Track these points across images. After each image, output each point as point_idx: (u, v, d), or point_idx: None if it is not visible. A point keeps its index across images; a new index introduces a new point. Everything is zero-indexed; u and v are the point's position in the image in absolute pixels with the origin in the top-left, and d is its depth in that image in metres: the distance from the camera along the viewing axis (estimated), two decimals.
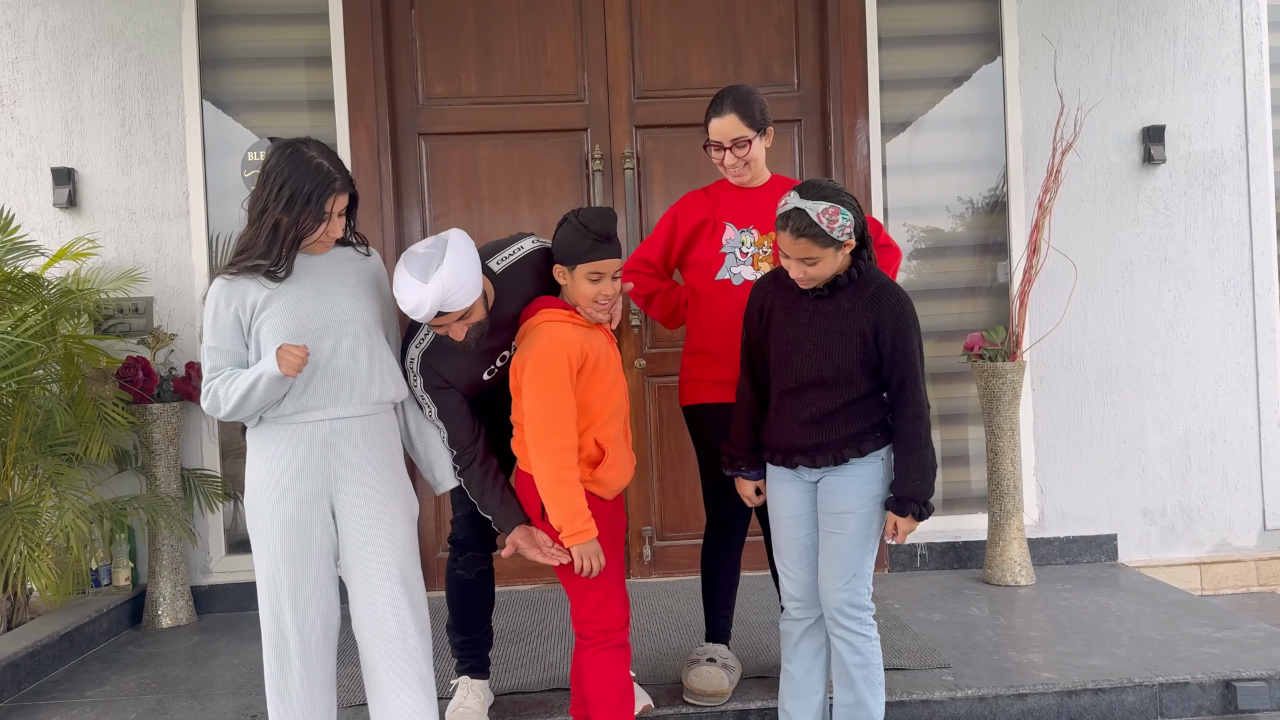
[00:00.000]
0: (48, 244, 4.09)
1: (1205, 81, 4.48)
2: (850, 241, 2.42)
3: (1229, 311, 4.49)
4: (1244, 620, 3.54)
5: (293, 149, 2.40)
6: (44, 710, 3.16)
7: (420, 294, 2.34)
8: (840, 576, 2.48)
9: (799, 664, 2.61)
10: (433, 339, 2.61)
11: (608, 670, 2.51)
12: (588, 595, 2.52)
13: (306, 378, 2.40)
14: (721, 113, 2.88)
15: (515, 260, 2.66)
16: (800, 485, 2.56)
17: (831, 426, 2.47)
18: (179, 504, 3.99)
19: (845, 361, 2.45)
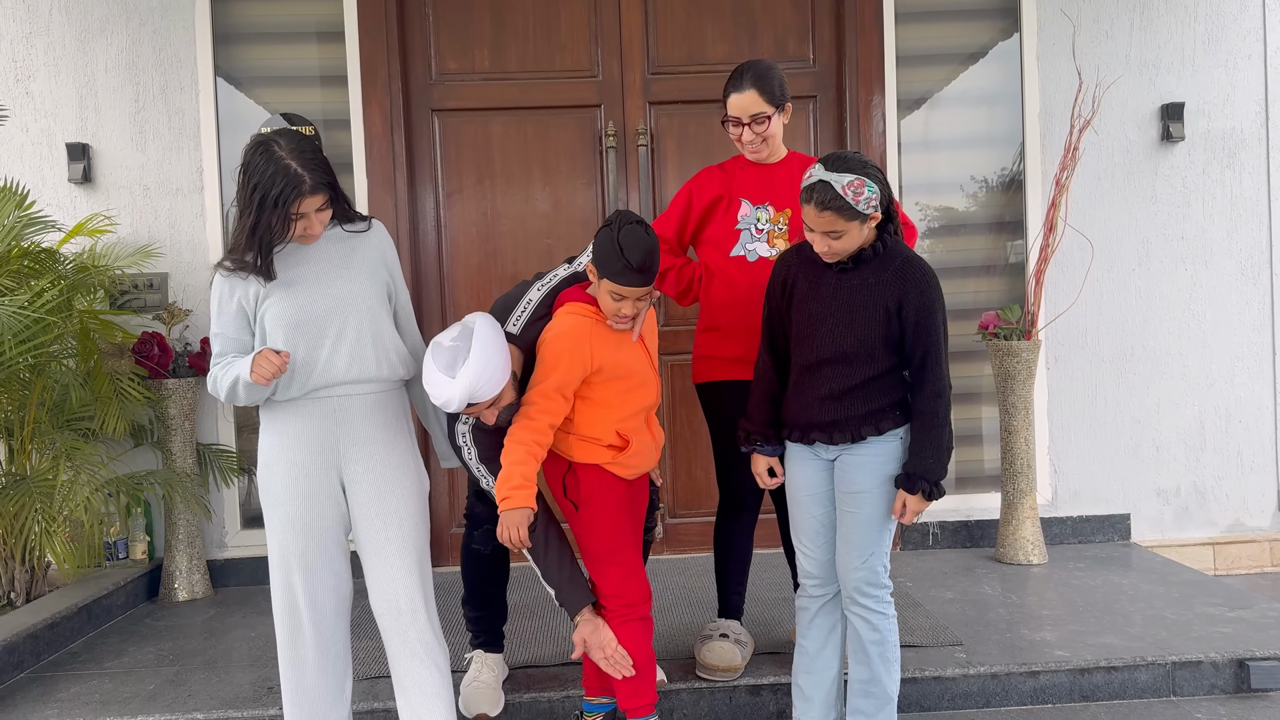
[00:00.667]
0: (63, 219, 4.09)
1: (1226, 58, 4.43)
2: (876, 215, 2.39)
3: (1246, 291, 4.46)
4: (1258, 600, 3.53)
5: (264, 146, 2.32)
6: (64, 680, 3.20)
7: (449, 390, 2.37)
8: (858, 555, 2.48)
9: (814, 640, 2.62)
10: None
11: (630, 643, 2.54)
12: (609, 571, 2.55)
13: (312, 363, 2.39)
14: (741, 88, 2.85)
15: (528, 315, 2.63)
16: (818, 464, 2.55)
17: (851, 403, 2.46)
18: (194, 479, 4.01)
19: (867, 336, 2.43)
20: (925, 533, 4.39)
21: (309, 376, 2.40)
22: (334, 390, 2.43)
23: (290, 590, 2.45)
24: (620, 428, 2.56)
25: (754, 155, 2.96)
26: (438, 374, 2.38)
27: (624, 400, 2.55)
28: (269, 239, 2.34)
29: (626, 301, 2.46)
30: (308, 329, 2.39)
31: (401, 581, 2.48)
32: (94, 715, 2.90)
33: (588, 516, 2.57)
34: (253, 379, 2.29)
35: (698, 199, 3.02)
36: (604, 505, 2.56)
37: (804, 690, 2.62)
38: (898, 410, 2.48)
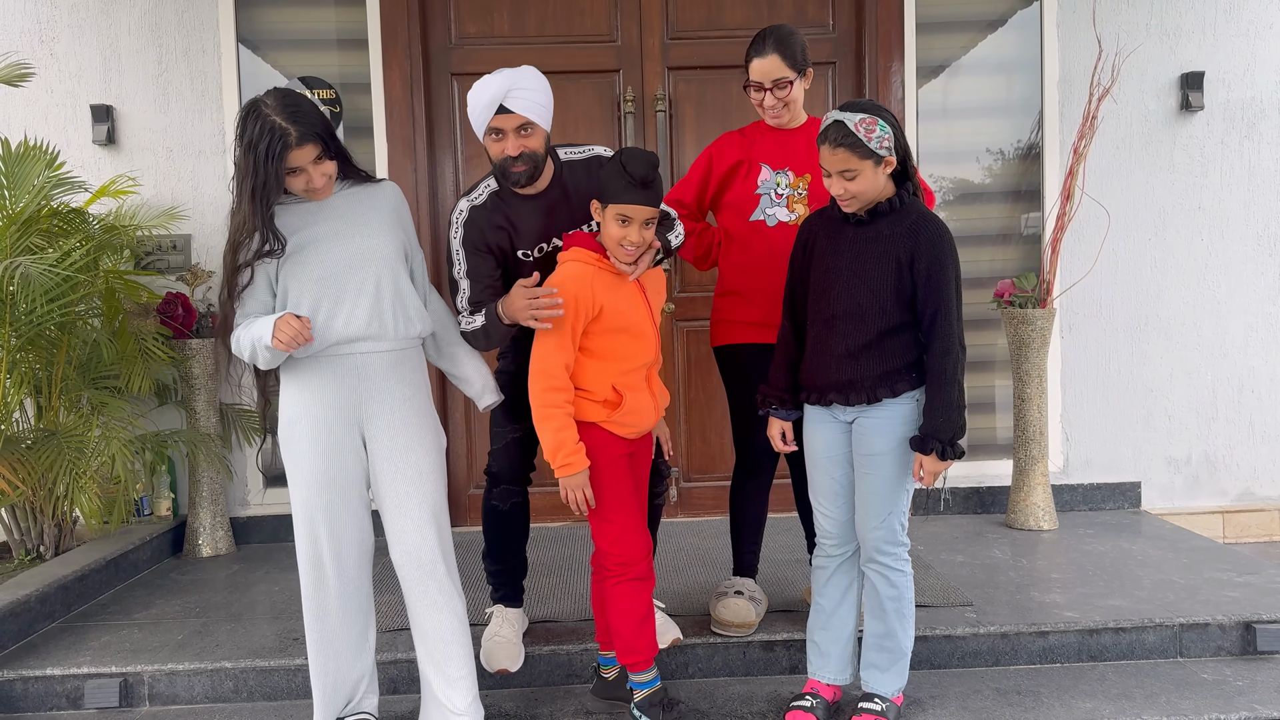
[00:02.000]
0: (89, 180, 4.14)
1: (1247, 28, 4.41)
2: (890, 159, 2.43)
3: (1262, 261, 4.46)
4: (1266, 566, 3.57)
5: (251, 107, 2.35)
6: (94, 630, 3.28)
7: (488, 81, 2.53)
8: (877, 515, 2.53)
9: (830, 598, 2.67)
10: (488, 195, 2.70)
11: (627, 601, 2.57)
12: (605, 528, 2.58)
13: (333, 320, 2.43)
14: (764, 53, 2.87)
15: (581, 159, 2.78)
16: (836, 426, 2.60)
17: (866, 362, 2.49)
18: (218, 439, 4.08)
19: (880, 288, 2.46)
20: (937, 498, 4.43)
21: (329, 332, 2.44)
22: (355, 346, 2.47)
23: (315, 543, 2.51)
24: (618, 383, 2.56)
25: (775, 120, 2.98)
26: (483, 77, 2.55)
27: (622, 353, 2.56)
28: (267, 198, 2.35)
29: (633, 226, 2.47)
30: (328, 285, 2.44)
31: (421, 533, 2.53)
32: (125, 663, 2.98)
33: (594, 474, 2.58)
34: (273, 344, 2.33)
35: (718, 164, 3.04)
36: (601, 463, 2.56)
37: (820, 646, 2.69)
38: (913, 372, 2.51)
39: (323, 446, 2.48)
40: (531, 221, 2.72)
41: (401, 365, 2.55)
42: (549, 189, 2.72)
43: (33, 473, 3.50)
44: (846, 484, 2.62)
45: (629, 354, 2.58)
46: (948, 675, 3.00)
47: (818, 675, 2.71)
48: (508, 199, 2.72)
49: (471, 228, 2.69)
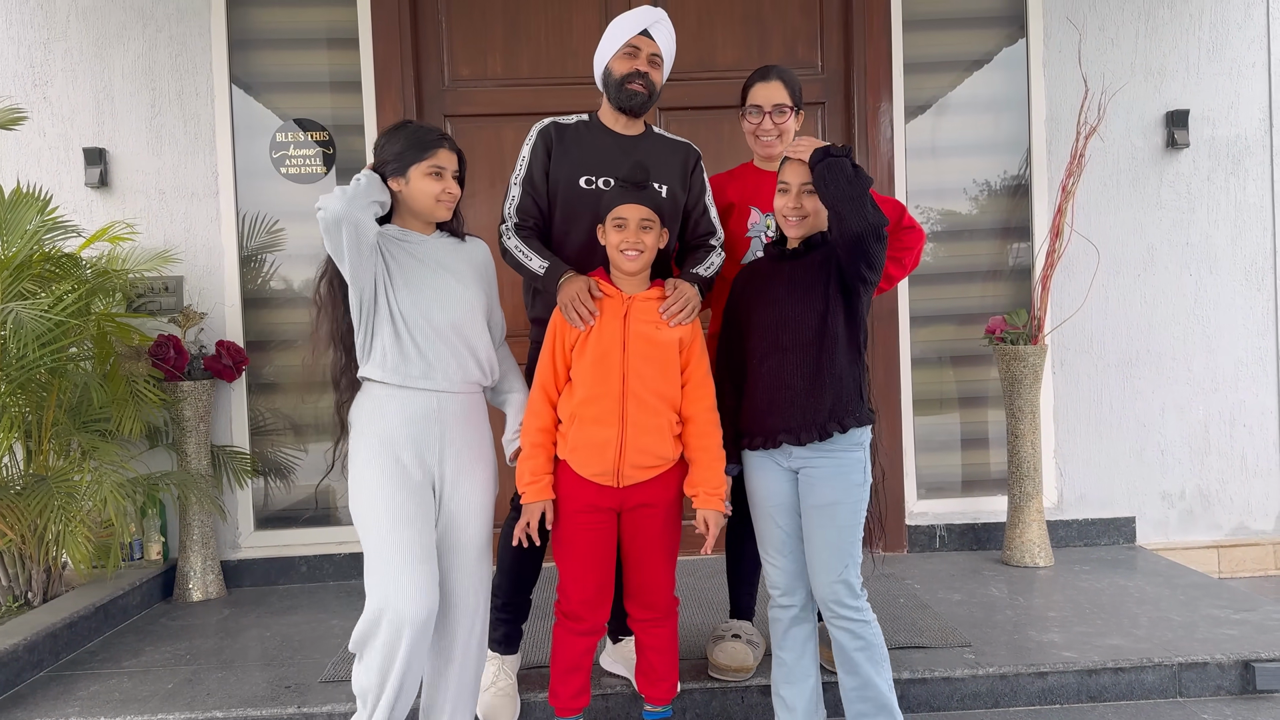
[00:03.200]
0: (80, 223, 4.14)
1: (1230, 66, 4.47)
2: None
3: (1250, 296, 4.50)
4: (1262, 602, 3.57)
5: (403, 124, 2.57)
6: (83, 679, 3.24)
7: (637, 12, 2.79)
8: (833, 569, 2.48)
9: (791, 650, 2.62)
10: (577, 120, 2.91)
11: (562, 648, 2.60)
12: (560, 569, 2.60)
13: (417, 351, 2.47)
14: (768, 78, 2.97)
15: (672, 139, 2.98)
16: (780, 473, 2.56)
17: (819, 394, 2.47)
18: (209, 480, 4.05)
19: (824, 308, 2.49)
20: (933, 535, 4.42)
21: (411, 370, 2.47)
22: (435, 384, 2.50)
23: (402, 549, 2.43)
24: (577, 411, 2.50)
25: (767, 150, 3.00)
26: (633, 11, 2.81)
27: (584, 378, 2.50)
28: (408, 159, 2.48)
29: (628, 226, 2.49)
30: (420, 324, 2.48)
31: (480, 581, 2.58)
32: (114, 714, 2.94)
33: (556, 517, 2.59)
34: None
35: (716, 203, 3.06)
36: (562, 511, 2.56)
37: (786, 701, 2.63)
38: (859, 411, 2.50)
39: (403, 482, 2.45)
40: (606, 153, 2.85)
41: (474, 410, 2.60)
42: (636, 137, 2.91)
43: (22, 519, 3.47)
44: (794, 533, 2.58)
45: (592, 380, 2.50)
46: (947, 718, 2.98)
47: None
48: (594, 129, 2.91)
49: (546, 139, 2.88)
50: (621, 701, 2.97)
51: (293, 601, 4.05)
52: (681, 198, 2.92)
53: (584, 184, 2.82)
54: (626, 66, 2.80)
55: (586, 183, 2.82)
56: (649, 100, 2.85)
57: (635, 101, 2.82)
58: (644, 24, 2.79)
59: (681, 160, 2.93)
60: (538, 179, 2.85)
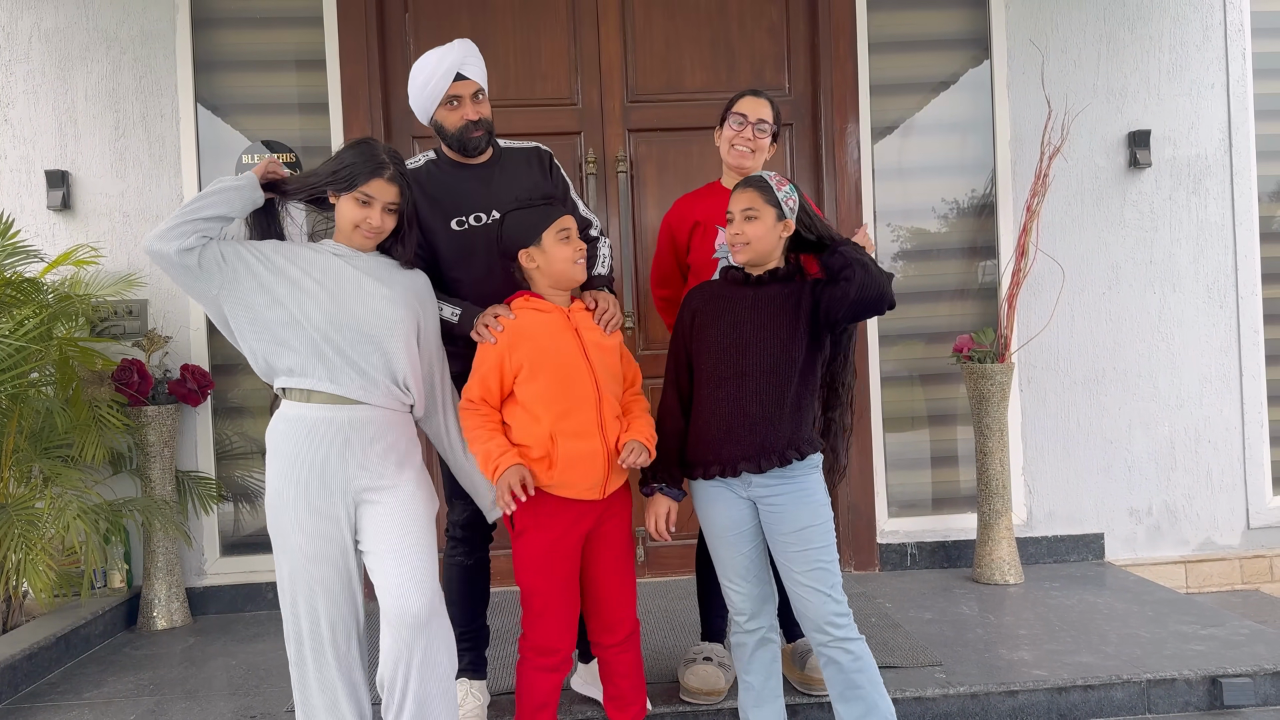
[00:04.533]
0: (42, 246, 4.09)
1: (1190, 87, 4.55)
2: (789, 221, 2.52)
3: (1213, 313, 4.56)
4: (1229, 618, 3.60)
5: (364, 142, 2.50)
6: (42, 712, 3.17)
7: (439, 54, 2.68)
8: (820, 590, 2.45)
9: (758, 673, 2.59)
10: (426, 163, 2.82)
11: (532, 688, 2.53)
12: (526, 610, 2.53)
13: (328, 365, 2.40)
14: (758, 95, 3.02)
15: (521, 147, 2.93)
16: (735, 500, 2.53)
17: (780, 423, 2.46)
18: (174, 506, 4.00)
19: (788, 336, 2.48)
20: (904, 553, 4.43)
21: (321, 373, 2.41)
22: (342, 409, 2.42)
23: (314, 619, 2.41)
24: (555, 429, 2.44)
25: (740, 161, 3.00)
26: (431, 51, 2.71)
27: (554, 396, 2.44)
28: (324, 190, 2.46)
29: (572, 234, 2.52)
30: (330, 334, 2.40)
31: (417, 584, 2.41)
32: None
33: (520, 547, 2.51)
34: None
35: (678, 229, 3.07)
36: (537, 540, 2.48)
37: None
38: (811, 436, 2.52)
39: (311, 515, 2.39)
40: (469, 190, 2.80)
41: (395, 427, 2.49)
42: (489, 162, 2.85)
43: None
44: (755, 558, 2.57)
45: (562, 396, 2.45)
46: None
47: None
48: (445, 168, 2.82)
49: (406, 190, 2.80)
50: None
51: (259, 629, 3.99)
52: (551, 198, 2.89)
53: (456, 226, 2.78)
54: (457, 119, 2.73)
55: (458, 224, 2.78)
56: (490, 135, 2.79)
57: (479, 146, 2.78)
58: (454, 69, 2.69)
59: (538, 166, 2.93)
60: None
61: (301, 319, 2.39)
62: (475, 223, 2.79)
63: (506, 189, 2.80)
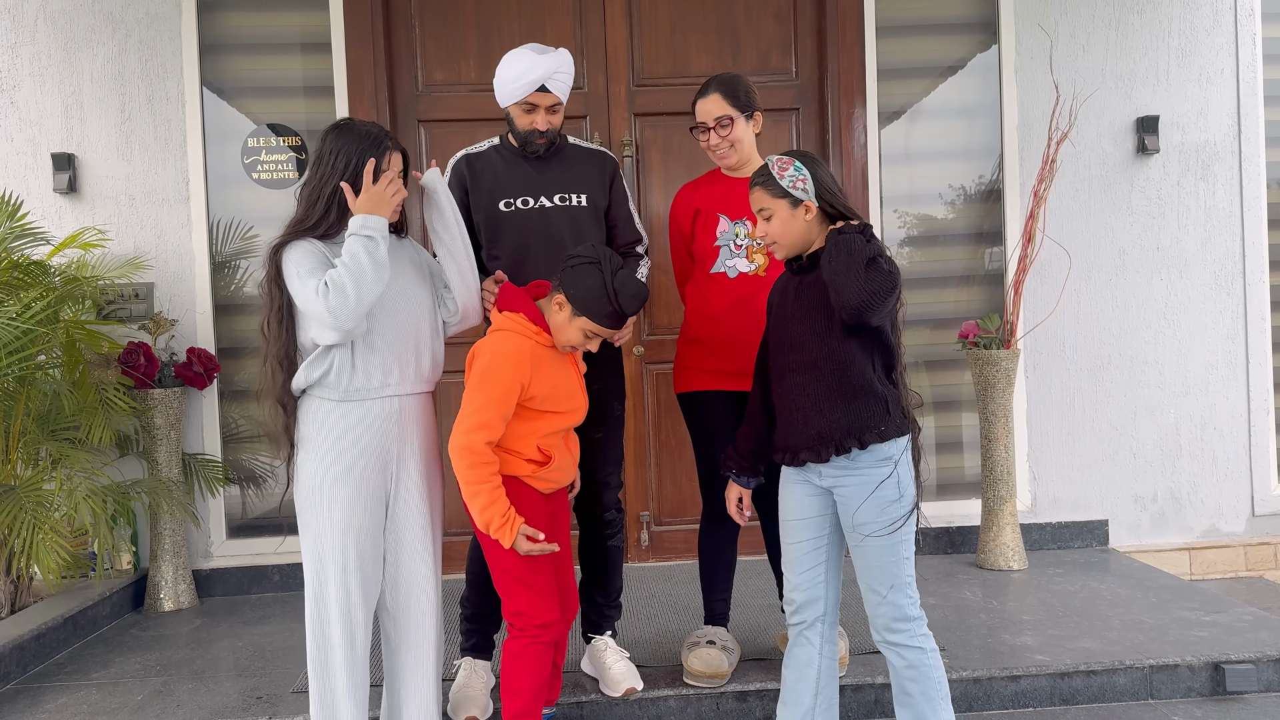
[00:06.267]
0: (49, 229, 4.10)
1: (1199, 72, 4.52)
2: (809, 203, 2.37)
3: (1220, 300, 4.54)
4: (1232, 604, 3.60)
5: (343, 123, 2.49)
6: (50, 692, 3.19)
7: (532, 59, 2.72)
8: (878, 591, 2.37)
9: (792, 670, 2.51)
10: (489, 148, 2.95)
11: (534, 665, 2.53)
12: (520, 590, 2.52)
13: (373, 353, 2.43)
14: (706, 93, 2.95)
15: (588, 148, 3.03)
16: (810, 489, 2.46)
17: (830, 412, 2.35)
18: (181, 488, 4.01)
19: (822, 327, 2.35)
20: None
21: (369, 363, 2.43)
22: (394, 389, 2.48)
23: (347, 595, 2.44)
24: (543, 443, 2.53)
25: (723, 162, 3.00)
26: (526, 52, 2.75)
27: (551, 421, 2.53)
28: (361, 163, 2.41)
29: (595, 340, 2.51)
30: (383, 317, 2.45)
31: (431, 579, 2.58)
32: None
33: None
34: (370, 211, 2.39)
35: (682, 219, 3.07)
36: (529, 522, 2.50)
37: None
38: (881, 425, 2.34)
39: (359, 493, 2.44)
40: (522, 174, 2.91)
41: (427, 409, 2.60)
42: (550, 156, 2.94)
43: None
44: (814, 549, 2.48)
45: (558, 421, 2.55)
46: None
47: None
48: (505, 155, 2.95)
49: (459, 174, 2.93)
50: (596, 709, 2.96)
51: (265, 611, 4.01)
52: (602, 205, 2.98)
53: (503, 207, 2.89)
54: (526, 123, 2.84)
55: (505, 205, 2.89)
56: (552, 143, 2.90)
57: (538, 151, 2.90)
58: (540, 80, 2.76)
59: (599, 170, 2.99)
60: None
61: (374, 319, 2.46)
62: (522, 205, 2.89)
63: (558, 181, 2.92)
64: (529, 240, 2.88)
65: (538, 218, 2.88)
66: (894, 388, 2.39)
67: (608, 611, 3.07)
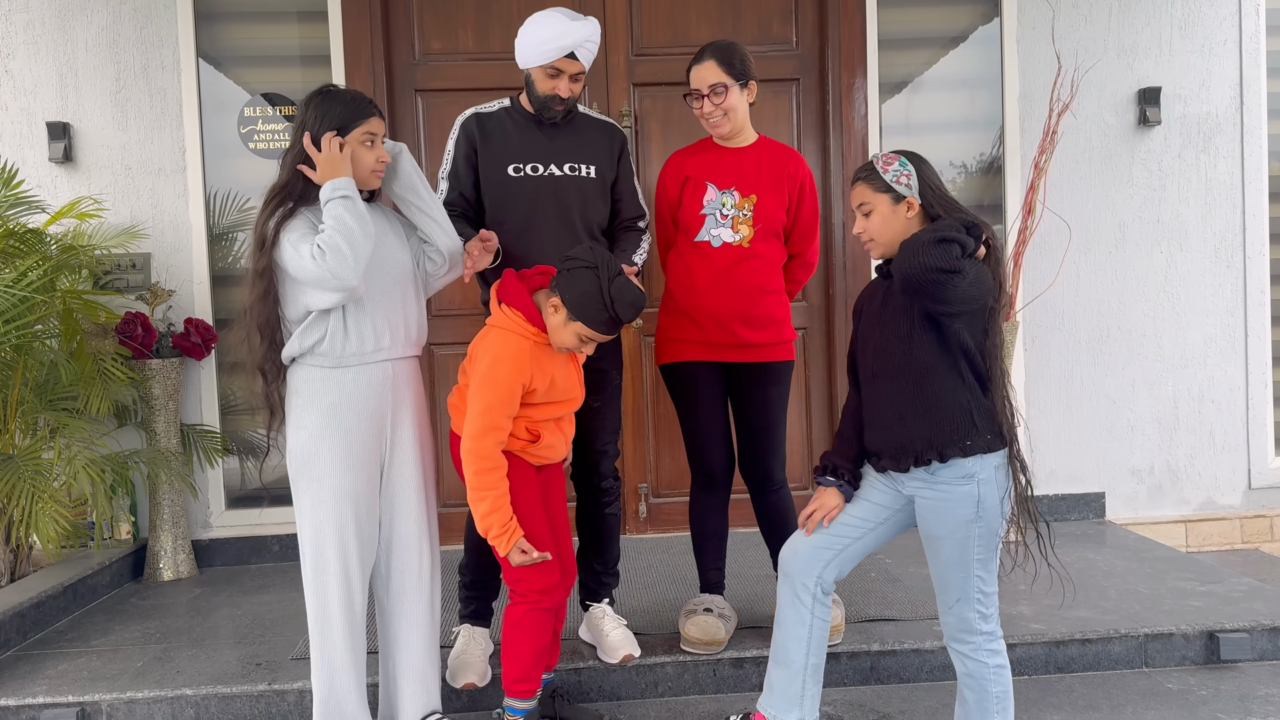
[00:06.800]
0: (45, 198, 4.08)
1: (1202, 44, 4.49)
2: (911, 199, 2.30)
3: (1220, 273, 4.53)
4: (1228, 575, 3.62)
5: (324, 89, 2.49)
6: (51, 658, 3.21)
7: (567, 25, 2.71)
8: (944, 601, 2.34)
9: (781, 628, 2.49)
10: (499, 109, 2.91)
11: (536, 630, 2.55)
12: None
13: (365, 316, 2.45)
14: (700, 60, 2.93)
15: (597, 118, 3.00)
16: (888, 488, 2.40)
17: (912, 422, 2.28)
18: (179, 458, 4.02)
19: (904, 332, 2.27)
20: None
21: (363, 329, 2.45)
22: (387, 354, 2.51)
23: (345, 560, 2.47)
24: (533, 427, 2.56)
25: (716, 131, 2.98)
26: (560, 16, 2.73)
27: (546, 410, 2.56)
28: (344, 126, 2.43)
29: (592, 345, 2.50)
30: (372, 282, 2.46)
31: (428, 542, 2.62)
32: (82, 692, 2.92)
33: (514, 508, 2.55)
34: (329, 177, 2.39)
35: (671, 186, 3.05)
36: (515, 489, 2.52)
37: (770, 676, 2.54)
38: (966, 440, 2.23)
39: (354, 459, 2.46)
40: (533, 140, 2.88)
41: (417, 373, 2.63)
42: (562, 124, 2.91)
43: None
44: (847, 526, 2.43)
45: (553, 410, 2.58)
46: (917, 689, 3.00)
47: (762, 708, 2.55)
48: (517, 117, 2.91)
49: (468, 132, 2.89)
50: (594, 675, 2.98)
51: (265, 580, 4.03)
52: (609, 177, 2.97)
53: (512, 172, 2.86)
54: (549, 87, 2.81)
55: (514, 170, 2.86)
56: (568, 111, 2.89)
57: (554, 117, 2.87)
58: (571, 47, 2.74)
59: (608, 142, 2.98)
60: (463, 172, 2.89)
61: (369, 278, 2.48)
62: (532, 172, 2.86)
63: (569, 149, 2.89)
64: (536, 209, 2.86)
65: (547, 186, 2.86)
66: (985, 400, 2.27)
67: (605, 579, 3.09)
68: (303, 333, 2.42)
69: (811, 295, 4.47)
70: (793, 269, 3.13)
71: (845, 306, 4.38)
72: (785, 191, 2.99)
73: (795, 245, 3.09)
